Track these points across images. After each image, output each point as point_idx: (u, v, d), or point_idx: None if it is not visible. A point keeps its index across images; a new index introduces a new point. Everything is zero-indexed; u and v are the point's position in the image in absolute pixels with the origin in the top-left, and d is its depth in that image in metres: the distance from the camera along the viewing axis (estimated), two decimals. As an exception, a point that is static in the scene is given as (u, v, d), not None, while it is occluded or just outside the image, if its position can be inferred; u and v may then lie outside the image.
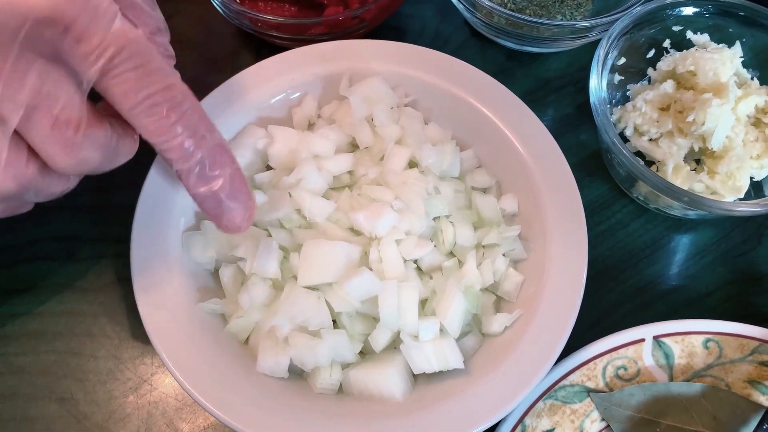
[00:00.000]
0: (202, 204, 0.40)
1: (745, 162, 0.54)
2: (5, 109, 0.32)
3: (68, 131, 0.35)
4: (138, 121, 0.36)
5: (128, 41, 0.34)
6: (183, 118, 0.37)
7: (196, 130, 0.37)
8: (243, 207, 0.41)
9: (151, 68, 0.35)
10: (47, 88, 0.33)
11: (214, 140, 0.39)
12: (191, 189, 0.39)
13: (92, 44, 0.33)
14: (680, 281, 0.56)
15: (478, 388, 0.43)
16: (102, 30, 0.33)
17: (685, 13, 0.59)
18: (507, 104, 0.52)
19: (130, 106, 0.35)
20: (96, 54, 0.33)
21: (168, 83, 0.36)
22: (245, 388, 0.43)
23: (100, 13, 0.33)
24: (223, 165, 0.39)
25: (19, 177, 0.35)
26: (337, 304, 0.44)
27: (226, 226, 0.41)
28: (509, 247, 0.49)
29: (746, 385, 0.48)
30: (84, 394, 0.51)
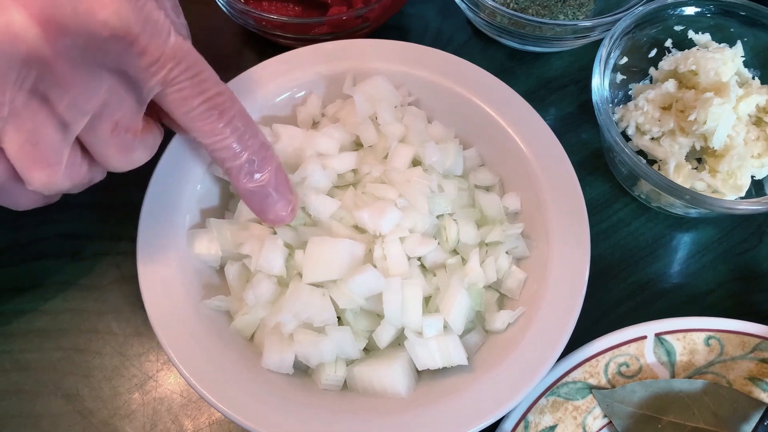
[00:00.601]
0: (250, 200, 0.44)
1: (746, 161, 0.55)
2: (71, 117, 0.35)
3: (126, 137, 0.38)
4: (193, 125, 0.40)
5: (184, 53, 0.37)
6: (233, 120, 0.41)
7: (244, 132, 0.41)
8: (286, 200, 0.45)
9: (204, 77, 0.39)
10: (111, 98, 0.36)
11: (259, 140, 0.43)
12: (241, 185, 0.43)
13: (153, 57, 0.35)
14: (682, 279, 0.56)
15: (482, 385, 0.43)
16: (162, 44, 0.36)
17: (687, 13, 0.59)
18: (510, 103, 0.53)
19: (186, 111, 0.39)
20: (157, 66, 0.36)
21: (219, 90, 0.40)
22: (250, 384, 0.43)
23: (159, 28, 0.35)
24: (269, 162, 0.43)
25: (73, 177, 0.38)
26: (341, 301, 0.44)
27: (273, 219, 0.45)
28: (512, 244, 0.49)
29: (747, 382, 0.48)
30: (89, 391, 0.51)
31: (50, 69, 0.33)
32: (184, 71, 0.37)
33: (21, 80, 0.32)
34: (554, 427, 0.47)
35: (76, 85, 0.34)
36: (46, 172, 0.36)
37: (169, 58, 0.36)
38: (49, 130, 0.35)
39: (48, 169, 0.36)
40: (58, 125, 0.35)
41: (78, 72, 0.33)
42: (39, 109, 0.34)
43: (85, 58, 0.33)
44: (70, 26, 0.32)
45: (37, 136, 0.35)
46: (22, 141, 0.35)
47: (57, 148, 0.36)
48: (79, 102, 0.35)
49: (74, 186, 0.39)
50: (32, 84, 0.33)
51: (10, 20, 0.31)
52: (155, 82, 0.37)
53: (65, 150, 0.37)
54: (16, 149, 0.35)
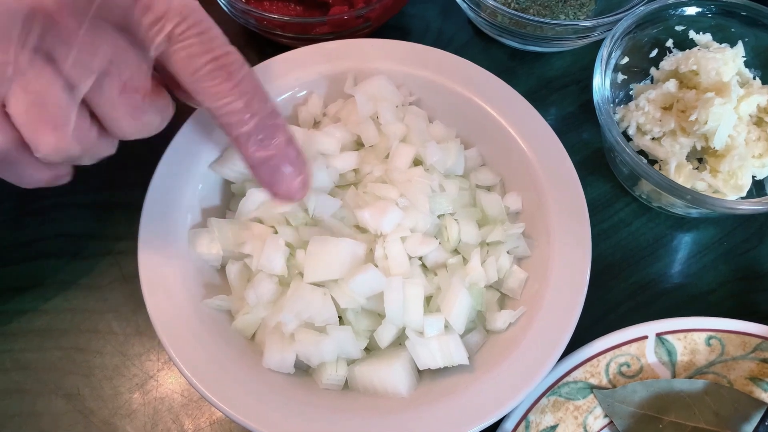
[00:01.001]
0: (259, 171, 0.41)
1: (747, 161, 0.55)
2: (77, 76, 0.34)
3: (135, 97, 0.37)
4: (199, 85, 0.38)
5: (190, 10, 0.36)
6: (241, 83, 0.38)
7: (252, 96, 0.39)
8: (298, 172, 0.42)
9: (212, 35, 0.37)
10: (117, 56, 0.34)
11: (268, 106, 0.40)
12: (249, 154, 0.41)
13: (158, 13, 0.34)
14: (682, 279, 0.56)
15: (483, 385, 0.43)
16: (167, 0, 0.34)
17: (688, 13, 0.59)
18: (511, 103, 0.53)
19: (193, 70, 0.37)
20: (162, 22, 0.35)
21: (227, 50, 0.38)
22: (251, 383, 0.43)
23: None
24: (279, 130, 0.41)
25: (83, 140, 0.36)
26: (342, 300, 0.44)
27: (283, 193, 0.42)
28: (513, 244, 0.49)
29: (748, 381, 0.48)
30: (90, 390, 0.51)
31: (54, 24, 0.32)
32: (191, 27, 0.36)
33: (24, 37, 0.31)
34: (555, 426, 0.47)
35: (80, 42, 0.33)
36: (54, 135, 0.35)
37: (175, 14, 0.35)
38: (55, 90, 0.34)
39: (56, 131, 0.35)
40: (64, 85, 0.34)
41: (82, 27, 0.32)
42: (44, 67, 0.33)
43: (90, 13, 0.32)
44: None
45: (44, 96, 0.34)
46: (28, 103, 0.33)
47: (64, 109, 0.35)
48: (84, 59, 0.34)
49: (84, 152, 0.37)
50: (36, 41, 0.32)
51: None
52: (160, 38, 0.35)
53: (73, 111, 0.35)
54: (23, 112, 0.34)
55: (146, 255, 0.46)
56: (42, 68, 0.33)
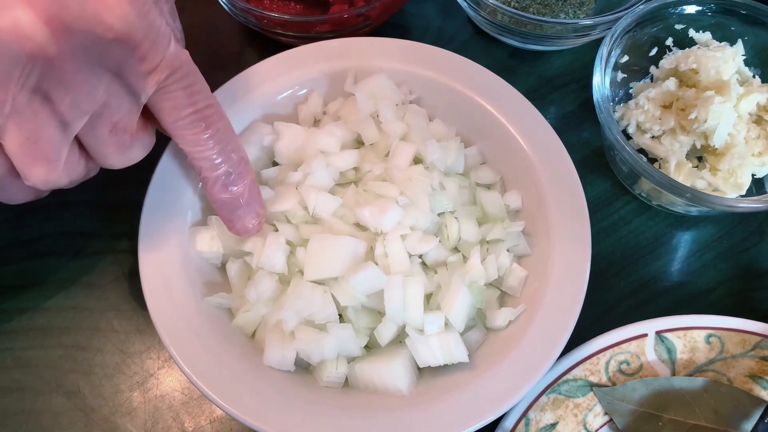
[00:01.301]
0: (220, 209, 0.45)
1: (747, 159, 0.55)
2: (71, 116, 0.36)
3: (123, 137, 0.39)
4: (178, 132, 0.41)
5: (181, 63, 0.38)
6: (217, 134, 0.42)
7: (226, 146, 0.43)
8: (255, 213, 0.46)
9: (197, 88, 0.40)
10: (110, 99, 0.37)
11: (239, 155, 0.44)
12: (214, 195, 0.44)
13: (153, 63, 0.36)
14: (682, 277, 0.56)
15: (483, 382, 0.43)
16: (162, 51, 0.37)
17: (688, 12, 0.59)
18: (511, 101, 0.53)
19: (174, 119, 0.40)
20: (156, 72, 0.37)
21: (209, 103, 0.41)
22: (252, 381, 0.43)
23: (161, 35, 0.36)
24: (245, 176, 0.45)
25: (71, 173, 0.39)
26: (343, 298, 0.44)
27: (239, 229, 0.46)
28: (513, 242, 0.49)
29: (748, 379, 0.48)
30: (91, 388, 0.51)
31: (54, 68, 0.33)
32: (179, 80, 0.38)
33: (24, 78, 0.33)
34: (555, 424, 0.47)
35: (77, 85, 0.34)
36: (45, 169, 0.37)
37: (166, 66, 0.37)
38: (50, 128, 0.36)
39: (47, 166, 0.37)
40: (58, 124, 0.36)
41: (80, 72, 0.34)
42: (41, 107, 0.35)
43: (88, 59, 0.34)
44: (75, 27, 0.32)
45: (38, 134, 0.35)
46: (22, 138, 0.35)
47: (57, 146, 0.37)
48: (80, 102, 0.35)
49: (71, 182, 0.40)
50: (35, 83, 0.33)
51: (18, 19, 0.31)
52: (151, 87, 0.38)
53: (65, 148, 0.37)
54: (17, 146, 0.36)
55: (147, 253, 0.46)
56: (39, 108, 0.35)
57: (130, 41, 0.34)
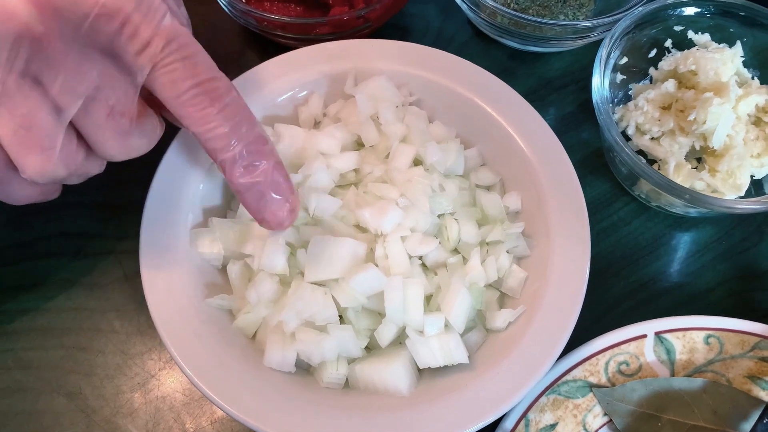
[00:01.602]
0: (244, 197, 0.41)
1: (746, 160, 0.55)
2: (64, 100, 0.34)
3: (122, 121, 0.37)
4: (183, 110, 0.37)
5: (176, 34, 0.36)
6: (226, 108, 0.38)
7: (239, 121, 0.39)
8: (285, 199, 0.42)
9: (198, 60, 0.37)
10: (104, 80, 0.35)
11: (255, 132, 0.40)
12: (234, 180, 0.40)
13: (145, 38, 0.34)
14: (681, 278, 0.57)
15: (482, 383, 0.43)
16: (155, 25, 0.35)
17: (687, 14, 0.60)
18: (510, 103, 0.53)
19: (176, 94, 0.37)
20: (150, 46, 0.35)
21: (213, 75, 0.38)
22: (253, 382, 0.43)
23: (153, 9, 0.34)
24: (265, 156, 0.40)
25: (69, 163, 0.37)
26: (343, 299, 0.44)
27: (269, 220, 0.42)
28: (513, 244, 0.50)
29: (746, 380, 0.49)
30: (92, 389, 0.51)
31: (42, 49, 0.32)
32: (175, 51, 0.36)
33: (12, 60, 0.32)
34: (555, 425, 0.47)
35: (68, 66, 0.33)
36: (40, 158, 0.35)
37: (160, 39, 0.35)
38: (42, 113, 0.34)
39: (42, 154, 0.35)
40: (51, 108, 0.34)
41: (70, 52, 0.33)
42: (31, 91, 0.33)
43: (77, 38, 0.33)
44: (62, 4, 0.31)
45: (31, 119, 0.34)
46: (15, 126, 0.34)
47: (51, 133, 0.35)
48: (71, 84, 0.34)
49: (70, 174, 0.38)
50: (24, 65, 0.32)
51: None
52: (146, 62, 0.35)
53: (59, 134, 0.36)
54: (10, 134, 0.34)
55: (148, 254, 0.46)
56: (29, 92, 0.33)
57: (120, 15, 0.33)
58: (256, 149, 0.40)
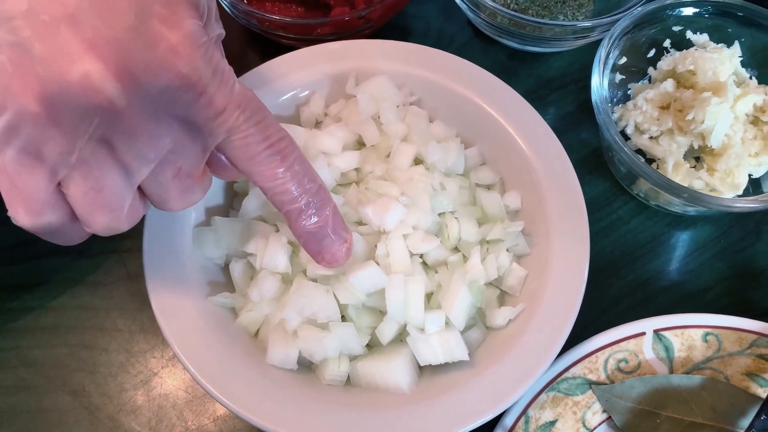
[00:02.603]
0: (307, 241, 0.43)
1: (744, 159, 0.55)
2: (136, 165, 0.35)
3: (188, 182, 0.38)
4: (255, 169, 0.39)
5: (248, 101, 0.37)
6: (293, 165, 0.40)
7: (303, 176, 0.41)
8: (342, 240, 0.44)
9: (268, 122, 0.38)
10: (176, 146, 0.35)
11: (317, 183, 0.42)
12: (299, 228, 0.42)
13: (221, 107, 0.35)
14: (680, 276, 0.57)
15: (483, 380, 0.43)
16: (228, 93, 0.35)
17: (685, 14, 0.60)
18: (510, 102, 0.53)
19: (250, 157, 0.38)
20: (224, 116, 0.35)
21: (281, 135, 0.39)
22: (255, 379, 0.43)
23: (226, 77, 0.35)
24: (326, 204, 0.43)
25: (133, 219, 0.38)
26: (343, 296, 0.44)
27: (329, 259, 0.44)
28: (513, 242, 0.50)
29: (744, 377, 0.49)
30: (96, 387, 0.52)
31: (121, 119, 0.32)
32: (249, 118, 0.37)
33: (91, 130, 0.32)
34: (554, 422, 0.48)
35: (144, 135, 0.33)
36: (108, 218, 0.36)
37: (234, 107, 0.36)
38: (114, 177, 0.34)
39: (111, 214, 0.36)
40: (122, 173, 0.35)
41: (147, 122, 0.33)
42: (105, 157, 0.34)
43: (156, 108, 0.33)
44: (144, 77, 0.31)
45: (102, 183, 0.34)
46: (87, 188, 0.34)
47: (120, 195, 0.35)
48: (145, 151, 0.34)
49: (130, 226, 0.38)
50: (101, 133, 0.32)
51: (88, 72, 0.30)
52: (222, 130, 0.36)
53: (129, 196, 0.36)
54: (81, 196, 0.34)
55: (151, 253, 0.46)
56: (103, 157, 0.34)
57: (198, 86, 0.33)
58: (318, 199, 0.42)
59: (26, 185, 0.33)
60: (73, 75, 0.30)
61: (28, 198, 0.34)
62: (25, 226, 0.35)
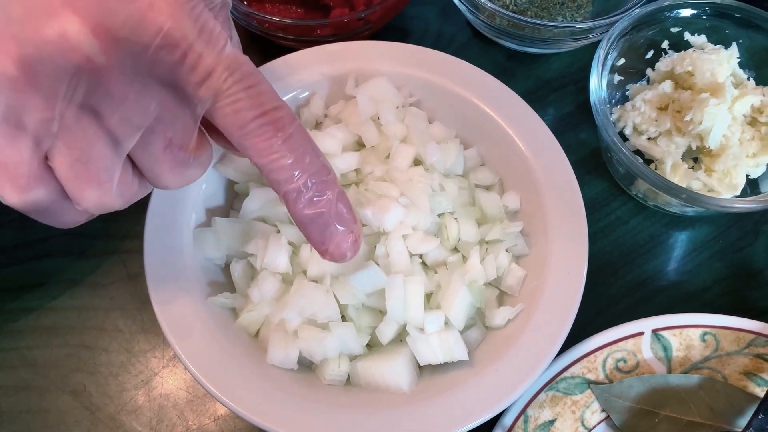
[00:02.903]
0: (308, 228, 0.39)
1: (742, 160, 0.55)
2: (122, 132, 0.33)
3: (180, 154, 0.36)
4: (248, 141, 0.36)
5: (238, 63, 0.34)
6: (291, 139, 0.36)
7: (303, 152, 0.37)
8: (349, 231, 0.40)
9: (261, 89, 0.35)
10: (163, 112, 0.34)
11: (319, 162, 0.38)
12: (297, 212, 0.38)
13: (206, 69, 0.33)
14: (678, 276, 0.57)
15: (482, 380, 0.44)
16: (216, 54, 0.33)
17: (683, 15, 0.60)
18: (509, 103, 0.53)
19: (240, 125, 0.35)
20: (211, 78, 0.33)
21: (277, 104, 0.36)
22: (255, 379, 0.44)
23: (214, 38, 0.33)
24: (329, 186, 0.39)
25: (124, 194, 0.36)
26: (343, 296, 0.45)
27: (332, 252, 0.40)
28: (512, 242, 0.50)
29: (742, 376, 0.49)
30: (96, 387, 0.52)
31: (101, 81, 0.31)
32: (238, 81, 0.34)
33: (71, 93, 0.31)
34: (553, 421, 0.48)
35: (127, 98, 0.32)
36: (97, 192, 0.34)
37: (222, 69, 0.33)
38: (100, 146, 0.33)
39: (99, 188, 0.34)
40: (109, 141, 0.33)
41: (130, 84, 0.31)
42: (89, 124, 0.32)
43: (138, 69, 0.31)
44: (123, 34, 0.30)
45: (88, 153, 0.33)
46: (72, 159, 0.33)
47: (108, 166, 0.34)
48: (130, 116, 0.33)
49: (124, 204, 0.37)
50: (82, 97, 0.31)
51: (64, 28, 0.29)
52: (208, 93, 0.34)
53: (117, 168, 0.34)
54: (67, 168, 0.33)
55: (151, 254, 0.47)
56: (87, 124, 0.32)
57: (181, 45, 0.31)
58: (320, 179, 0.38)
59: (10, 158, 0.32)
60: (49, 33, 0.29)
61: (13, 172, 0.32)
62: (13, 204, 0.34)
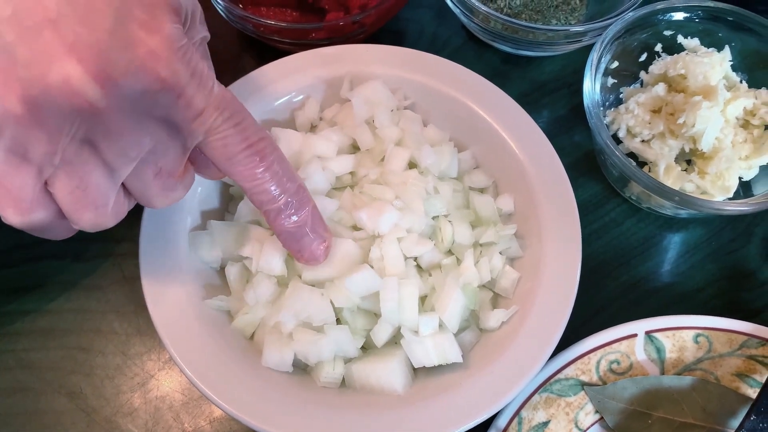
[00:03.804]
0: (287, 240, 0.44)
1: (734, 162, 0.56)
2: (118, 164, 0.36)
3: (169, 180, 0.39)
4: (234, 169, 0.40)
5: (227, 103, 0.38)
6: (272, 165, 0.41)
7: (282, 175, 0.42)
8: (321, 238, 0.45)
9: (247, 124, 0.39)
10: (157, 146, 0.37)
11: (296, 183, 0.43)
12: (278, 227, 0.43)
13: (198, 108, 0.36)
14: (671, 278, 0.57)
15: (476, 382, 0.44)
16: (207, 95, 0.36)
17: (676, 18, 0.60)
18: (503, 106, 0.54)
19: (229, 156, 0.39)
20: (203, 117, 0.37)
21: (260, 136, 0.40)
22: (251, 381, 0.44)
23: (204, 79, 0.36)
24: (305, 203, 0.44)
25: (118, 214, 0.39)
26: (338, 299, 0.45)
27: (308, 257, 0.45)
28: (506, 245, 0.50)
29: (734, 378, 0.49)
30: (92, 389, 0.52)
31: (101, 120, 0.33)
32: (228, 119, 0.38)
33: (74, 131, 0.33)
34: (547, 423, 0.48)
35: (124, 134, 0.35)
36: (94, 215, 0.37)
37: (213, 108, 0.37)
38: (97, 175, 0.36)
39: (96, 211, 0.37)
40: (106, 171, 0.36)
41: (127, 122, 0.34)
42: (89, 156, 0.35)
43: (135, 109, 0.34)
44: (123, 80, 0.32)
45: (87, 181, 0.36)
46: (72, 186, 0.36)
47: (105, 192, 0.37)
48: (127, 149, 0.36)
49: (116, 221, 0.40)
50: (84, 134, 0.34)
51: (68, 75, 0.31)
52: (200, 131, 0.37)
53: (113, 193, 0.38)
54: (66, 194, 0.36)
55: (147, 257, 0.47)
56: (87, 157, 0.35)
57: (176, 88, 0.34)
58: (297, 198, 0.43)
59: (14, 184, 0.35)
60: (54, 78, 0.31)
61: (16, 197, 0.35)
62: (15, 225, 0.37)
